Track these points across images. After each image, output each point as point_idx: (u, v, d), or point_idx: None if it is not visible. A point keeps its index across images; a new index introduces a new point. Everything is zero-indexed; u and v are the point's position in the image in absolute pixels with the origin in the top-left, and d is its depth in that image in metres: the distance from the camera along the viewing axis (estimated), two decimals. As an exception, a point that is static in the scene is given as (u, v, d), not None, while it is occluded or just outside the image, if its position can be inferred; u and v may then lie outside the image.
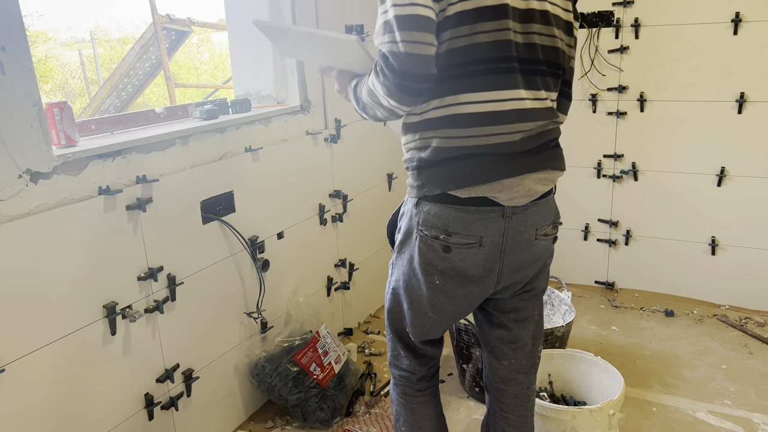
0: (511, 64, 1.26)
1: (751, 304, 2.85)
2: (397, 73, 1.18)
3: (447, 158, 1.29)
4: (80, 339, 1.64)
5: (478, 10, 1.22)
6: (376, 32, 1.23)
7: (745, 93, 2.66)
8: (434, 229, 1.34)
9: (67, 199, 1.60)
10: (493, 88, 1.26)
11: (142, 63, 5.33)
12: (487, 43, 1.24)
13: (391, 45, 1.18)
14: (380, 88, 1.24)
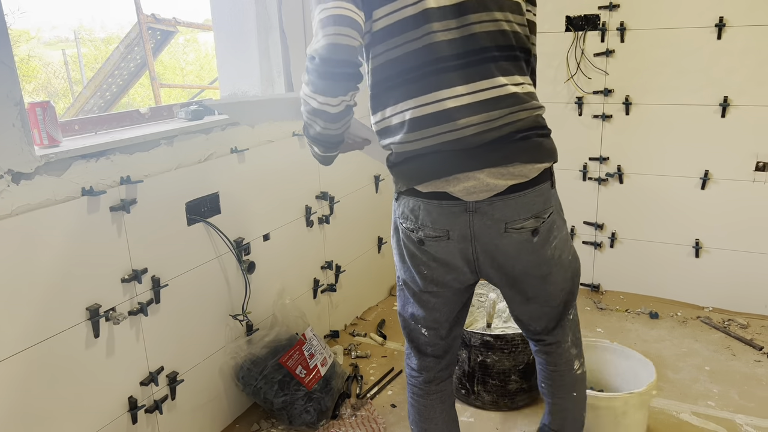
0: (444, 64, 1.30)
1: (734, 306, 2.88)
2: (319, 62, 1.24)
3: (406, 158, 1.38)
4: (62, 342, 1.62)
5: (401, 22, 1.30)
6: (314, 28, 1.28)
7: (728, 97, 2.69)
8: (409, 222, 1.43)
9: (50, 200, 1.58)
10: (430, 90, 1.31)
11: (126, 63, 5.28)
12: (416, 50, 1.30)
13: (314, 45, 1.25)
14: (307, 90, 1.29)
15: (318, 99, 1.28)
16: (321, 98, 1.28)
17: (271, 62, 2.39)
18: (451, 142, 1.32)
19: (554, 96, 3.01)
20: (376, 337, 2.82)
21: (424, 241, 1.42)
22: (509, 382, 2.21)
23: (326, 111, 1.30)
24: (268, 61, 2.39)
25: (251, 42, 2.37)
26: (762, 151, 2.69)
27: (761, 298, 2.85)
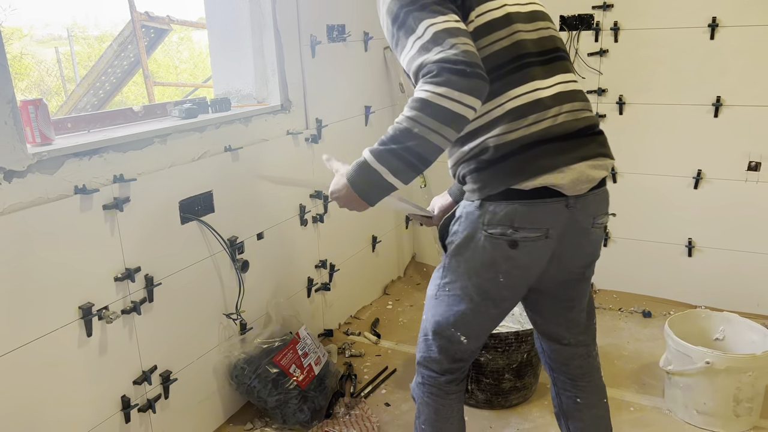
0: (530, 59, 1.38)
1: (726, 304, 2.90)
2: (462, 65, 1.20)
3: (505, 154, 1.34)
4: (55, 341, 1.61)
5: (490, 23, 1.36)
6: (413, 54, 1.26)
7: (721, 97, 2.70)
8: (501, 227, 1.37)
9: (42, 199, 1.57)
10: (524, 81, 1.36)
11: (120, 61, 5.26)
12: (506, 47, 1.37)
13: (445, 52, 1.22)
14: (442, 89, 1.20)
15: (464, 100, 1.20)
16: (468, 98, 1.20)
17: (266, 60, 2.38)
18: (546, 129, 1.35)
19: (548, 95, 3.02)
20: (370, 336, 2.83)
21: (518, 243, 1.39)
22: (503, 380, 2.22)
23: (464, 115, 1.22)
24: (262, 60, 2.39)
25: (245, 40, 2.37)
26: (754, 150, 2.70)
27: (753, 297, 2.87)
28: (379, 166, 1.27)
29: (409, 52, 1.28)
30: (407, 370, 2.55)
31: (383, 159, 1.26)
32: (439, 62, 1.21)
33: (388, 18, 1.35)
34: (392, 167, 1.26)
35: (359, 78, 2.88)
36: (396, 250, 3.41)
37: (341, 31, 2.68)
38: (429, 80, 1.21)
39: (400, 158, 1.25)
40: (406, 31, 1.29)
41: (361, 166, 1.29)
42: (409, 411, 2.28)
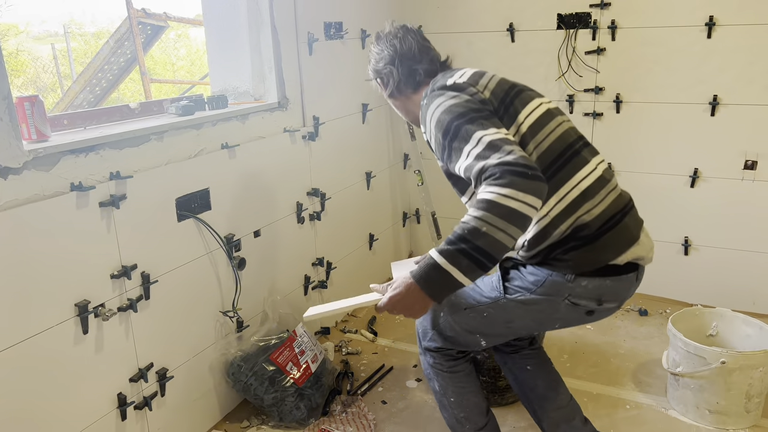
0: (577, 145, 1.56)
1: (722, 303, 2.90)
2: (521, 167, 1.29)
3: (600, 228, 1.48)
4: (51, 338, 1.61)
5: (539, 120, 1.53)
6: (470, 162, 1.36)
7: (718, 96, 2.70)
8: (587, 300, 1.51)
9: (38, 195, 1.56)
10: (583, 164, 1.53)
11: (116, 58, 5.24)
12: (558, 137, 1.53)
13: (504, 157, 1.31)
14: (507, 190, 1.26)
15: (527, 200, 1.27)
16: (531, 198, 1.27)
17: (263, 58, 2.38)
18: (613, 203, 1.52)
19: (545, 94, 2.98)
20: (367, 333, 2.82)
21: (596, 312, 1.56)
22: (499, 378, 2.22)
23: (527, 215, 1.28)
24: (259, 57, 2.38)
25: (242, 37, 2.36)
26: (751, 149, 2.71)
27: (749, 295, 2.88)
28: (450, 267, 1.30)
29: (465, 161, 1.38)
30: (404, 368, 2.55)
31: (453, 259, 1.29)
32: (500, 165, 1.29)
33: (437, 131, 1.45)
34: (462, 267, 1.29)
35: (356, 76, 2.88)
36: (393, 248, 3.41)
37: (338, 28, 2.67)
38: (493, 182, 1.29)
39: (470, 257, 1.29)
40: (459, 142, 1.39)
41: (431, 267, 1.31)
42: (405, 409, 2.28)
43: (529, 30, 2.97)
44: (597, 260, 1.48)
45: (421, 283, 1.33)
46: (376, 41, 1.74)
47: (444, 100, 1.49)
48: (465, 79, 1.56)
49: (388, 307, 1.38)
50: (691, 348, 2.07)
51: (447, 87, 1.55)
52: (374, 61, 1.73)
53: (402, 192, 3.43)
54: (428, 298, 1.34)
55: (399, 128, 3.26)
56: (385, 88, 1.74)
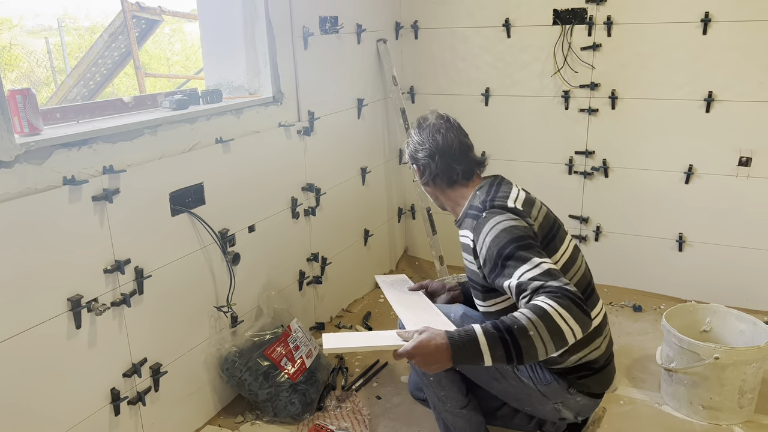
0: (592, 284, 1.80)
1: (716, 299, 2.91)
2: (584, 302, 1.38)
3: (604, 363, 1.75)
4: (43, 333, 1.60)
5: (570, 257, 1.71)
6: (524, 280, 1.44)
7: (713, 92, 2.71)
8: (571, 412, 1.75)
9: (30, 189, 1.55)
10: (596, 303, 1.76)
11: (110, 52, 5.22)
12: (583, 274, 1.75)
13: (565, 285, 1.40)
14: (562, 310, 1.34)
15: (575, 330, 1.35)
16: (578, 330, 1.35)
17: (257, 52, 2.37)
18: (609, 339, 1.80)
19: (541, 90, 3.02)
20: (362, 329, 2.82)
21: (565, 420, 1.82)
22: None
23: (568, 341, 1.36)
24: (254, 51, 2.37)
25: (237, 32, 2.35)
26: (745, 145, 2.71)
27: (743, 292, 2.89)
28: (486, 349, 1.35)
29: (517, 279, 1.45)
30: (398, 364, 2.55)
31: (493, 344, 1.35)
32: (562, 289, 1.38)
33: (494, 245, 1.53)
34: (495, 354, 1.35)
35: (352, 70, 2.87)
36: (388, 243, 3.41)
37: (334, 23, 2.66)
38: (553, 298, 1.36)
39: (506, 350, 1.34)
40: (515, 261, 1.47)
41: (470, 341, 1.36)
42: (400, 404, 2.28)
43: (525, 25, 2.97)
44: (601, 387, 1.75)
45: (454, 349, 1.36)
46: (417, 129, 1.81)
47: (504, 219, 1.57)
48: (520, 206, 1.66)
49: (410, 356, 1.39)
50: (685, 344, 2.07)
51: (508, 208, 1.62)
52: (413, 148, 1.80)
53: (397, 187, 3.43)
54: (450, 362, 1.37)
55: (394, 123, 3.26)
56: (420, 176, 1.82)
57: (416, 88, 3.30)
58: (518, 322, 1.34)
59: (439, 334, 1.38)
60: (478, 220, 1.62)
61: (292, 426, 2.17)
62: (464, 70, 3.16)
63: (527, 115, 3.07)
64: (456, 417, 1.80)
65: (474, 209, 1.68)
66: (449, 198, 1.81)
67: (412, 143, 1.80)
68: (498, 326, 1.35)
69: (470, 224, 1.66)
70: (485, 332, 1.35)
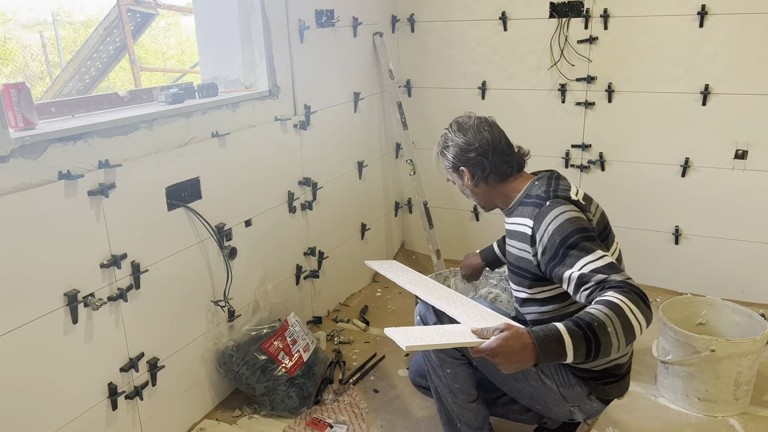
0: None
1: (712, 292, 2.92)
2: (648, 298, 1.41)
3: (620, 373, 1.74)
4: (39, 328, 1.60)
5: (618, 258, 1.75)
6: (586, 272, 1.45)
7: (709, 85, 2.71)
8: (584, 415, 1.76)
9: (26, 184, 1.55)
10: None
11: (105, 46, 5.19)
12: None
13: (628, 279, 1.42)
14: (633, 305, 1.37)
15: (643, 324, 1.38)
16: (645, 325, 1.38)
17: (253, 46, 2.36)
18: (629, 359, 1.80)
19: (537, 83, 3.02)
20: (359, 323, 2.83)
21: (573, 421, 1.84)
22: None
23: (637, 336, 1.38)
24: (250, 45, 2.36)
25: (233, 25, 2.34)
26: (741, 138, 2.72)
27: (739, 284, 2.90)
28: (570, 347, 1.34)
29: (579, 270, 1.47)
30: (396, 357, 2.55)
31: (576, 342, 1.34)
32: (627, 284, 1.40)
33: (558, 234, 1.53)
34: (578, 352, 1.34)
35: (348, 64, 2.86)
36: (385, 237, 3.41)
37: (330, 16, 2.65)
38: (621, 293, 1.37)
39: (587, 347, 1.34)
40: (579, 251, 1.49)
41: (556, 341, 1.34)
42: (397, 398, 2.29)
43: (522, 18, 2.96)
44: (618, 394, 1.75)
45: (540, 348, 1.33)
46: (459, 131, 1.76)
47: (569, 209, 1.57)
48: (581, 199, 1.66)
49: (493, 353, 1.34)
50: (681, 336, 2.08)
51: (570, 200, 1.62)
52: (459, 150, 1.74)
53: (394, 181, 3.43)
54: (534, 361, 1.34)
55: (391, 118, 3.25)
56: (471, 178, 1.76)
57: (413, 82, 3.30)
58: (597, 319, 1.34)
59: (524, 333, 1.35)
60: (540, 208, 1.61)
61: (289, 420, 2.17)
62: (461, 63, 3.15)
63: (524, 109, 3.07)
64: (464, 409, 1.80)
65: (535, 197, 1.67)
66: (500, 194, 1.78)
67: (456, 146, 1.75)
68: (579, 324, 1.35)
69: (530, 212, 1.65)
70: (569, 330, 1.34)
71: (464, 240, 3.43)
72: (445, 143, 1.80)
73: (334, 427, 2.12)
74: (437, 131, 3.31)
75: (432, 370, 1.81)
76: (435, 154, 1.85)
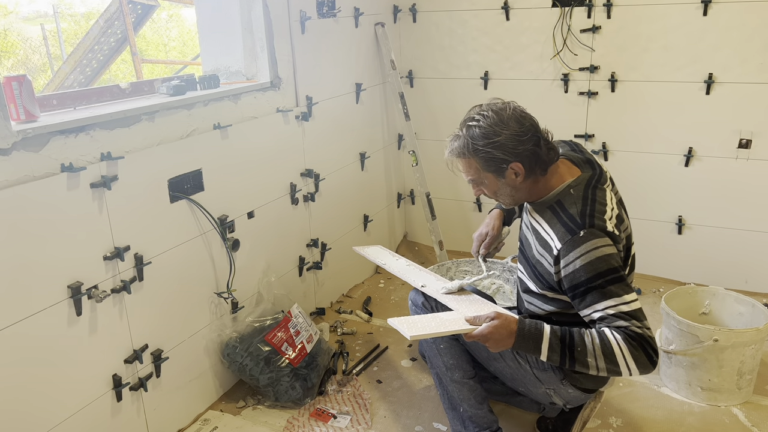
0: None
1: (715, 281, 2.92)
2: (657, 356, 1.48)
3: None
4: (44, 320, 1.60)
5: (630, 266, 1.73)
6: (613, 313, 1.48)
7: (713, 74, 2.69)
8: (560, 400, 1.80)
9: (28, 176, 1.55)
10: None
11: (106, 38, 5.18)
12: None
13: (650, 334, 1.47)
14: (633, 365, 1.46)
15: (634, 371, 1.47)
16: (634, 370, 1.47)
17: (254, 36, 2.35)
18: None
19: (540, 72, 3.00)
20: (362, 314, 2.83)
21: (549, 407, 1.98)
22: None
23: (621, 375, 1.50)
24: (251, 36, 2.35)
25: (234, 16, 2.33)
26: (745, 128, 2.70)
27: (742, 274, 2.89)
28: (545, 350, 1.51)
29: (602, 312, 1.49)
30: (399, 348, 2.56)
31: (553, 348, 1.51)
32: (644, 337, 1.46)
33: (586, 272, 1.50)
34: (551, 357, 1.51)
35: (350, 55, 2.85)
36: (388, 229, 3.41)
37: (331, 6, 2.64)
38: (630, 345, 1.45)
39: (561, 359, 1.51)
40: (600, 295, 1.49)
41: (535, 338, 1.52)
42: (400, 388, 2.30)
43: (524, 8, 2.94)
44: (594, 385, 1.76)
45: (519, 340, 1.52)
46: (503, 121, 1.56)
47: (602, 244, 1.51)
48: (614, 227, 1.57)
49: (485, 339, 1.54)
50: (684, 326, 2.08)
51: (606, 231, 1.54)
52: (514, 142, 1.55)
53: (396, 173, 3.42)
54: (511, 346, 1.54)
55: (393, 108, 3.24)
56: (525, 172, 1.58)
57: (415, 72, 3.28)
58: (584, 347, 1.48)
59: (512, 321, 1.54)
60: (573, 236, 1.52)
61: (293, 410, 2.18)
62: (463, 53, 3.14)
63: (526, 99, 3.02)
64: (462, 387, 1.82)
65: (568, 218, 1.56)
66: (538, 188, 1.64)
67: (509, 138, 1.54)
68: (564, 338, 1.50)
69: (560, 233, 1.55)
70: (551, 336, 1.51)
71: (467, 231, 3.43)
72: (489, 137, 1.55)
73: (337, 418, 2.13)
74: (440, 122, 3.31)
75: (429, 350, 1.85)
76: (460, 153, 1.60)
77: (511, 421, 2.09)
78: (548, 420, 2.00)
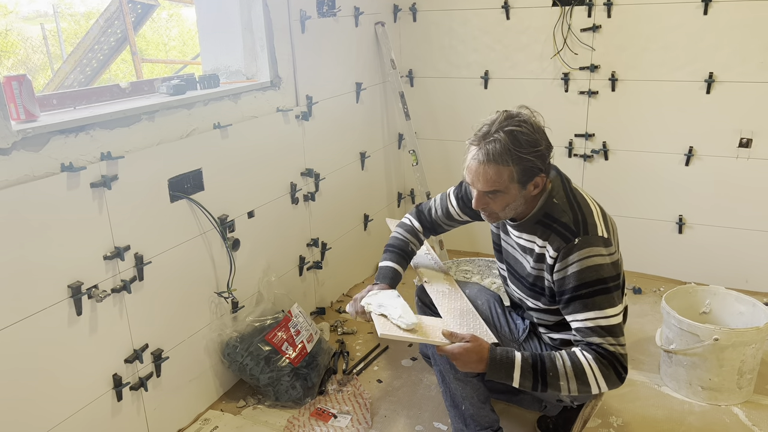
0: None
1: (715, 281, 2.92)
2: (626, 372, 1.52)
3: None
4: (43, 320, 1.60)
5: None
6: (590, 325, 1.51)
7: (713, 73, 2.69)
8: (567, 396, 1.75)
9: (28, 176, 1.55)
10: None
11: (106, 37, 5.17)
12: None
13: (623, 352, 1.51)
14: (603, 385, 1.51)
15: (603, 389, 1.52)
16: (604, 387, 1.52)
17: (254, 36, 2.35)
18: None
19: (541, 72, 3.00)
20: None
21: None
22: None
23: (592, 393, 1.55)
24: (251, 35, 2.35)
25: (234, 16, 2.33)
26: (745, 127, 2.70)
27: (742, 273, 2.89)
28: (517, 376, 1.52)
29: (583, 323, 1.52)
30: (399, 347, 2.56)
31: (524, 375, 1.52)
32: (615, 355, 1.50)
33: (576, 279, 1.52)
34: (523, 383, 1.53)
35: (350, 54, 2.85)
36: (388, 229, 3.40)
37: (331, 5, 2.64)
38: (601, 362, 1.50)
39: (533, 385, 1.53)
40: (588, 304, 1.51)
41: (508, 366, 1.53)
42: (401, 387, 2.30)
43: (525, 7, 2.94)
44: None
45: (491, 368, 1.53)
46: (535, 131, 1.53)
47: (595, 254, 1.53)
48: (603, 231, 1.58)
49: (453, 357, 1.55)
50: (685, 325, 2.08)
51: (602, 238, 1.56)
52: (547, 152, 1.55)
53: (397, 172, 3.42)
54: (482, 371, 1.55)
55: (393, 108, 3.24)
56: (543, 184, 1.58)
57: (415, 72, 3.28)
58: (556, 371, 1.51)
59: (484, 349, 1.54)
60: (568, 244, 1.53)
61: (293, 410, 2.18)
62: (463, 53, 3.14)
63: (527, 98, 3.05)
64: (465, 385, 1.81)
65: (564, 228, 1.55)
66: (532, 197, 1.62)
67: (546, 148, 1.55)
68: (536, 365, 1.52)
69: (557, 242, 1.55)
70: (523, 364, 1.52)
71: (467, 231, 3.43)
72: (534, 145, 1.50)
73: (338, 417, 2.13)
74: (440, 121, 3.31)
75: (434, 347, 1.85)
76: (500, 159, 1.49)
77: (511, 419, 2.09)
78: (549, 419, 2.00)
